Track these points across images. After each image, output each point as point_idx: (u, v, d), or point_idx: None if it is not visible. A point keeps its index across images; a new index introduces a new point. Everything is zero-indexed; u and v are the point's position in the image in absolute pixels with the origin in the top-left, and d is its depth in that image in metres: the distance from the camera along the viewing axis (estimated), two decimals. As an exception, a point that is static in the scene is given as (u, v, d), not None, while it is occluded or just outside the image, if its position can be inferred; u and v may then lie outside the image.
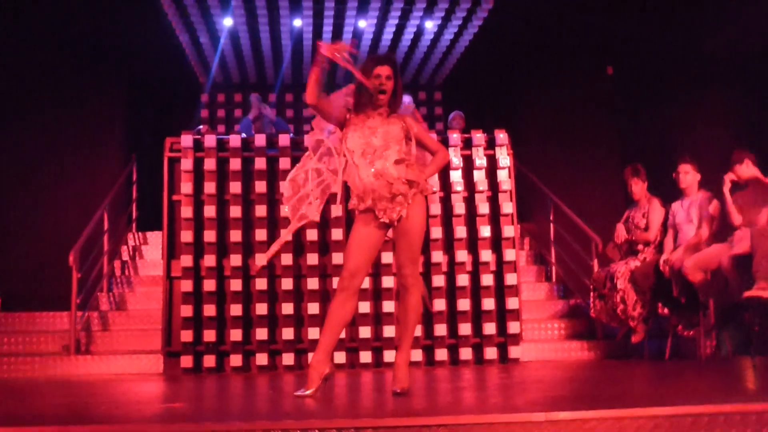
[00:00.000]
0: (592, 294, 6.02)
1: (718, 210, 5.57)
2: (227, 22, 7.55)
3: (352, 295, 3.59)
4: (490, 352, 5.94)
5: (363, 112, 3.68)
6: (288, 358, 5.73)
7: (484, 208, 6.15)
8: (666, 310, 6.03)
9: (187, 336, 5.66)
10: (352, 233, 3.64)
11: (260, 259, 5.35)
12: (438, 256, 5.97)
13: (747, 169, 5.45)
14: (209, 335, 5.68)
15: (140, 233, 7.79)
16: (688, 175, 5.83)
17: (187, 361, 5.64)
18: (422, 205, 3.64)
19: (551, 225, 7.32)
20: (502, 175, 6.24)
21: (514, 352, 5.98)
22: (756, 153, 5.54)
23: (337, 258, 5.87)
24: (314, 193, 3.89)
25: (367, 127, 3.63)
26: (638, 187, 6.08)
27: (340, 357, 5.73)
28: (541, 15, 8.17)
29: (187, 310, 5.70)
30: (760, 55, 7.33)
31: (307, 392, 3.52)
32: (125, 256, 7.42)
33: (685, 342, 6.11)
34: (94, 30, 8.12)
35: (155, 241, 7.60)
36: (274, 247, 3.99)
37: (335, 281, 5.83)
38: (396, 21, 7.63)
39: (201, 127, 7.61)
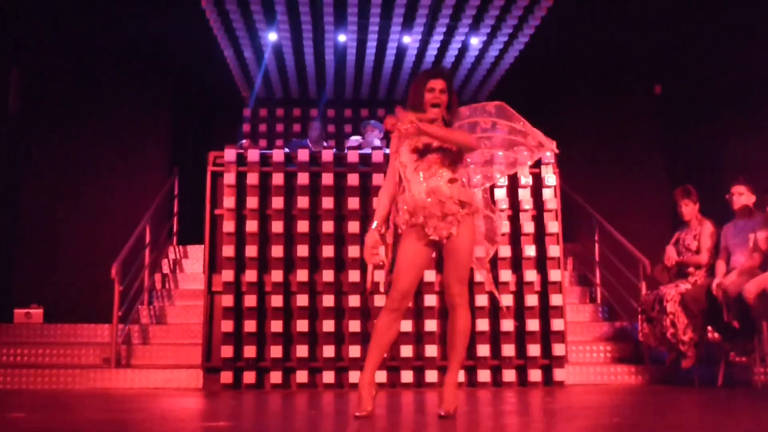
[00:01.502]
0: (640, 317, 5.86)
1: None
2: (272, 36, 7.57)
3: (400, 315, 3.54)
4: (534, 374, 5.80)
5: None
6: (328, 376, 5.66)
7: (528, 227, 6.04)
8: (717, 336, 5.85)
9: (227, 351, 5.62)
10: (401, 252, 3.56)
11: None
12: (481, 276, 5.85)
13: None
14: (249, 351, 5.63)
15: (181, 246, 7.82)
16: (742, 197, 5.66)
17: (227, 376, 5.60)
18: (472, 225, 3.57)
19: (596, 245, 7.17)
20: (548, 194, 6.13)
21: (558, 374, 5.82)
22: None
23: (377, 275, 5.78)
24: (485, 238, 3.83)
25: (422, 142, 3.56)
26: (689, 209, 5.91)
27: (381, 376, 5.63)
28: (587, 33, 8.05)
29: (227, 326, 5.67)
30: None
31: (365, 413, 3.46)
32: (166, 269, 7.45)
33: (738, 369, 5.91)
34: (140, 42, 8.23)
35: (196, 254, 7.62)
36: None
37: (377, 299, 5.77)
38: (441, 37, 7.57)
39: (243, 141, 7.63)
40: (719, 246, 5.76)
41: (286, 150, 6.23)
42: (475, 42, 7.72)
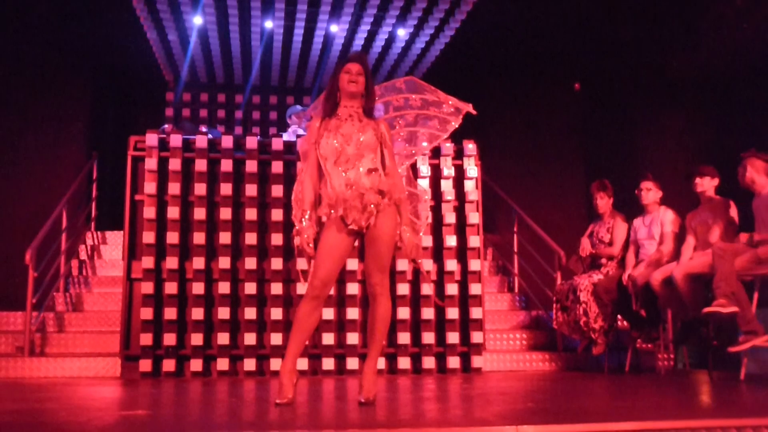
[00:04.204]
0: (554, 306, 6.07)
1: (678, 227, 5.72)
2: (197, 20, 7.43)
3: (321, 303, 3.57)
4: (453, 362, 5.95)
5: (335, 116, 3.64)
6: (249, 364, 5.65)
7: (450, 217, 6.17)
8: (626, 324, 6.14)
9: (146, 339, 5.53)
10: (322, 241, 3.58)
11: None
12: (403, 265, 5.95)
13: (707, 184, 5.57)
14: (169, 339, 5.56)
15: (99, 232, 7.62)
16: (650, 192, 5.93)
17: (146, 365, 5.51)
18: (393, 214, 3.61)
19: (515, 236, 7.39)
20: (469, 186, 6.27)
21: (476, 361, 5.99)
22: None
23: (301, 263, 5.81)
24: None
25: (341, 134, 3.58)
26: (603, 202, 6.16)
27: (303, 363, 5.67)
28: (511, 29, 8.23)
29: (147, 313, 5.57)
30: (719, 79, 7.54)
31: (286, 400, 3.48)
32: (83, 256, 7.24)
33: (643, 355, 6.23)
34: (59, 21, 7.92)
35: (114, 240, 7.44)
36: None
37: (299, 287, 5.79)
38: (368, 27, 7.61)
39: (166, 126, 7.47)
40: (629, 239, 6.04)
41: (210, 136, 6.15)
42: (402, 33, 7.80)
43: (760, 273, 5.00)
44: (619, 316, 6.06)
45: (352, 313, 5.83)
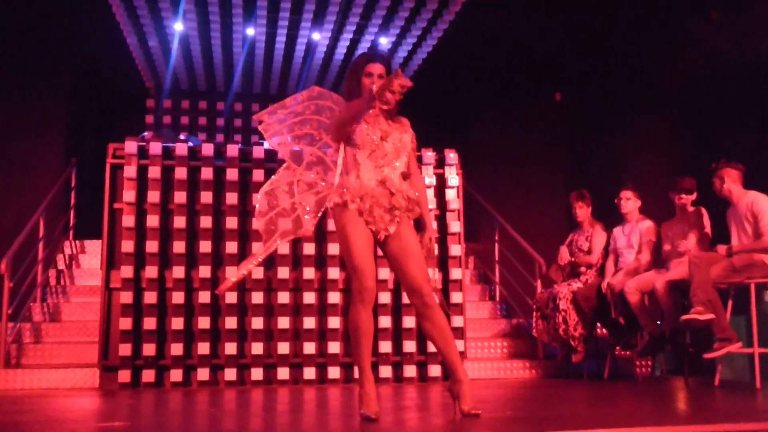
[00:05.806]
0: (534, 314, 6.11)
1: (656, 236, 5.77)
2: (178, 26, 7.41)
3: (371, 307, 3.33)
4: (434, 370, 5.95)
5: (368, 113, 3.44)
6: (230, 374, 5.61)
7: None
8: (605, 332, 6.19)
9: (125, 350, 5.47)
10: (350, 239, 3.28)
11: (227, 282, 4.02)
12: (384, 273, 5.95)
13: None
14: (149, 349, 5.51)
15: (77, 241, 7.53)
16: (629, 202, 6.00)
17: (125, 375, 5.45)
18: (413, 225, 3.44)
19: (496, 245, 7.41)
20: (451, 195, 6.29)
21: (457, 370, 5.98)
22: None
23: (282, 272, 5.80)
24: (305, 204, 3.63)
25: (380, 128, 3.41)
26: (582, 211, 6.22)
27: (284, 373, 5.66)
28: (494, 39, 8.28)
29: (126, 323, 5.52)
30: (700, 89, 7.63)
31: (375, 414, 3.28)
32: (61, 265, 7.16)
33: (622, 362, 6.29)
34: (38, 27, 7.85)
35: (93, 249, 7.36)
36: (245, 266, 3.62)
37: (280, 296, 5.77)
38: (351, 35, 7.63)
39: (146, 133, 7.43)
40: (609, 248, 6.10)
41: (191, 144, 6.12)
42: (385, 42, 7.82)
43: (735, 281, 5.09)
44: (598, 324, 6.12)
45: (333, 322, 5.82)
